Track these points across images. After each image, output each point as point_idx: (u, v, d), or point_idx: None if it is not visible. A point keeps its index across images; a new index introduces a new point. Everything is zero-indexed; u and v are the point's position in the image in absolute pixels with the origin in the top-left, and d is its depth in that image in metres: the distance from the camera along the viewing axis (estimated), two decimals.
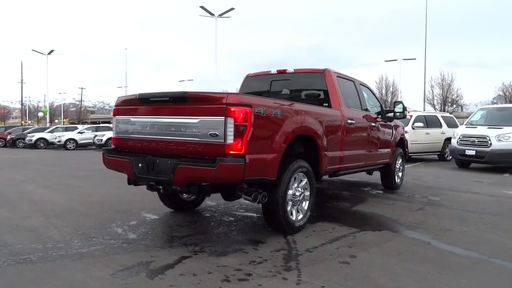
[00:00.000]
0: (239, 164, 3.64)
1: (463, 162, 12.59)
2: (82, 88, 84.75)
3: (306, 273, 3.34)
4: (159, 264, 3.48)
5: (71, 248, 3.90)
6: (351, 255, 3.84)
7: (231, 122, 3.63)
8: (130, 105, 4.48)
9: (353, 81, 6.40)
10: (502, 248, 4.23)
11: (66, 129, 29.25)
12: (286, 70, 6.01)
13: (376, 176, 8.32)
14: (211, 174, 3.63)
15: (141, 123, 4.31)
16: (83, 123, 59.13)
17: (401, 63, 41.24)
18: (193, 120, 3.84)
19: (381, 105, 7.26)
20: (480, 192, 8.02)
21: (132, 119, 4.40)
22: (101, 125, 31.91)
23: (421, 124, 14.38)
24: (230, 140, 3.64)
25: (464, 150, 11.94)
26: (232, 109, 3.62)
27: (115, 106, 4.66)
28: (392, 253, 3.97)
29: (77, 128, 29.28)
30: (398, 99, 24.04)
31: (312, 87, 5.85)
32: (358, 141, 5.99)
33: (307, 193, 4.70)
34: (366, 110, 6.54)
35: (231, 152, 3.65)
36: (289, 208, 4.40)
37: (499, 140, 11.25)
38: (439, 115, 16.28)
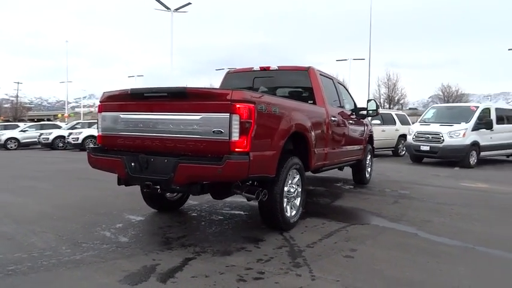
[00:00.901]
0: (244, 161, 3.58)
1: (417, 157, 13.34)
2: (18, 83, 78.85)
3: (316, 268, 3.37)
4: (166, 268, 3.34)
5: (61, 256, 3.62)
6: (351, 249, 3.92)
7: (236, 118, 3.56)
8: (119, 101, 4.25)
9: (331, 79, 6.54)
10: (480, 237, 4.53)
11: (6, 128, 27.12)
12: (269, 67, 6.01)
13: (345, 172, 8.59)
14: (217, 173, 3.53)
15: (133, 120, 4.10)
16: (19, 120, 55.08)
17: (351, 63, 42.86)
18: (195, 117, 3.72)
19: (354, 103, 7.49)
20: (441, 185, 8.56)
21: (122, 115, 4.17)
22: (47, 122, 29.89)
23: (378, 122, 15.03)
24: (235, 137, 3.57)
25: (420, 146, 12.66)
26: (237, 106, 3.55)
27: (100, 102, 4.39)
28: (388, 245, 4.11)
29: (18, 126, 27.25)
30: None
31: (296, 84, 5.90)
32: (338, 138, 6.14)
33: (299, 189, 4.74)
34: (343, 107, 6.72)
35: (236, 150, 3.58)
36: (284, 205, 4.41)
37: (451, 136, 12.06)
38: (393, 113, 17.11)
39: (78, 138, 20.79)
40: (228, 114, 3.57)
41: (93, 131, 21.27)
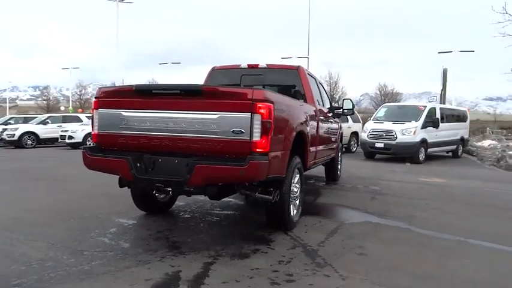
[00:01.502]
0: (265, 162, 3.52)
1: (371, 153, 14.04)
2: None
3: (339, 267, 3.41)
4: (190, 274, 3.18)
5: (67, 266, 3.30)
6: (359, 246, 4.02)
7: (257, 118, 3.48)
8: (120, 97, 3.95)
9: (314, 78, 6.64)
10: (463, 230, 4.87)
11: None
12: (258, 65, 5.95)
13: (316, 170, 8.78)
14: (239, 174, 3.43)
15: (138, 118, 3.84)
16: None
17: (295, 61, 43.78)
18: (211, 116, 3.57)
19: (331, 102, 7.67)
20: (404, 180, 9.08)
21: (124, 113, 3.89)
22: (15, 116, 27.00)
23: None
24: (257, 137, 3.49)
25: (374, 143, 13.33)
26: (259, 105, 3.48)
27: (96, 98, 4.05)
28: (390, 241, 4.28)
29: None
30: None
31: (286, 83, 5.90)
32: (324, 137, 6.26)
33: (299, 189, 4.76)
34: (324, 106, 6.86)
35: (257, 150, 3.51)
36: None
37: (403, 134, 12.84)
38: None
39: (14, 134, 19.04)
40: (250, 113, 3.48)
41: (31, 127, 19.66)
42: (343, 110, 7.47)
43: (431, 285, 3.14)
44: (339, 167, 8.66)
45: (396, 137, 12.88)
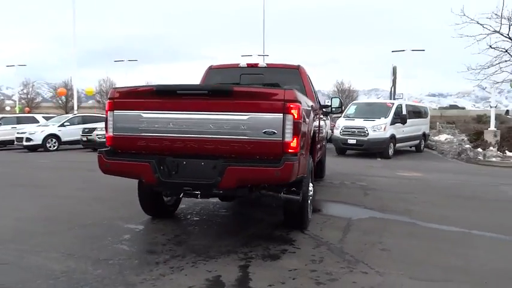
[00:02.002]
0: (297, 162, 3.52)
1: (342, 149, 14.43)
2: None
3: (371, 263, 3.48)
4: (231, 278, 3.12)
5: (98, 277, 3.11)
6: (379, 242, 4.13)
7: (289, 119, 3.47)
8: (139, 98, 3.78)
9: (308, 76, 6.70)
10: (463, 221, 5.14)
11: None
12: (257, 64, 5.92)
13: None
14: (274, 175, 3.41)
15: (160, 119, 3.69)
16: None
17: (256, 60, 43.94)
18: (241, 117, 3.51)
19: (319, 100, 7.78)
20: (384, 175, 9.42)
21: (144, 114, 3.72)
22: None
23: None
24: (288, 138, 3.48)
25: (347, 139, 13.71)
26: (291, 106, 3.47)
27: (111, 99, 3.83)
28: (404, 235, 4.44)
29: None
30: None
31: (287, 82, 5.88)
32: (322, 135, 6.35)
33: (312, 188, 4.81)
34: (319, 104, 6.95)
35: (289, 151, 3.50)
36: None
37: (374, 130, 13.32)
38: None
39: None
40: (282, 114, 3.46)
41: None
42: (331, 108, 7.60)
43: (464, 277, 3.30)
44: (325, 163, 8.83)
45: (368, 134, 13.32)
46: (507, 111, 21.02)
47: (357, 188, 7.43)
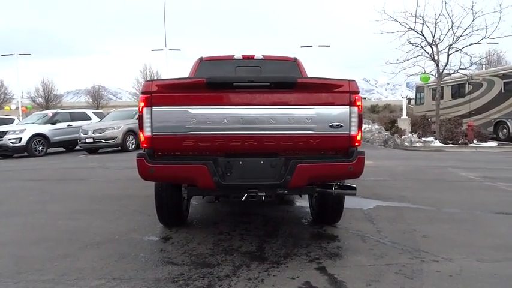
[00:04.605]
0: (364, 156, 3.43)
1: None
2: None
3: (432, 251, 3.55)
4: (320, 282, 2.93)
5: None
6: (413, 230, 4.24)
7: (354, 111, 3.36)
8: (185, 92, 3.31)
9: (304, 68, 6.60)
10: (455, 202, 5.59)
11: None
12: (253, 56, 5.64)
13: None
14: (347, 170, 3.28)
15: (213, 116, 3.27)
16: None
17: (167, 53, 42.34)
18: (307, 110, 3.29)
19: None
20: None
21: (192, 110, 3.27)
22: None
23: None
24: (354, 131, 3.37)
25: None
26: (356, 97, 3.35)
27: (148, 93, 3.28)
28: (426, 221, 4.62)
29: None
30: None
31: (287, 74, 5.71)
32: None
33: None
34: None
35: (355, 144, 3.39)
36: None
37: None
38: None
39: None
40: (348, 107, 3.33)
41: None
42: None
43: None
44: None
45: None
46: (409, 101, 23.38)
47: None
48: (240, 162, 3.34)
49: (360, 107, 3.38)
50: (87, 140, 13.96)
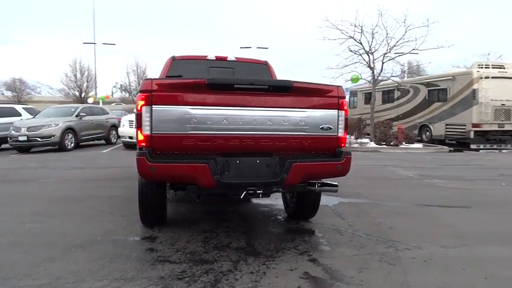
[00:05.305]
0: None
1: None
2: None
3: (402, 240, 3.99)
4: (318, 272, 3.19)
5: None
6: (379, 223, 4.68)
7: (342, 115, 3.67)
8: (186, 92, 3.36)
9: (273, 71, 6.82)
10: (402, 197, 6.21)
11: None
12: (226, 58, 5.76)
13: None
14: (336, 169, 3.57)
15: (213, 116, 3.37)
16: None
17: (100, 47, 40.33)
18: (301, 113, 3.54)
19: None
20: None
21: (192, 110, 3.33)
22: None
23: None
24: (341, 133, 3.68)
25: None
26: (343, 102, 3.67)
27: (148, 92, 3.28)
28: (389, 215, 5.11)
29: None
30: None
31: (258, 77, 5.89)
32: None
33: None
34: None
35: (342, 145, 3.70)
36: None
37: None
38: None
39: None
40: (336, 110, 3.63)
41: None
42: None
43: (473, 239, 4.11)
44: None
45: None
46: None
47: None
48: (238, 162, 3.47)
49: (346, 111, 3.70)
50: (20, 138, 12.90)
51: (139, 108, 3.31)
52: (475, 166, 10.88)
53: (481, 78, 15.48)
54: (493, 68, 15.95)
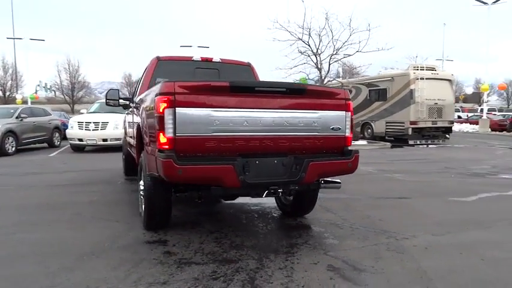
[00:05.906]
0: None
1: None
2: None
3: (397, 231, 4.35)
4: (337, 263, 3.41)
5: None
6: (368, 216, 5.04)
7: (348, 116, 3.93)
8: (209, 94, 3.38)
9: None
10: (379, 191, 6.69)
11: None
12: (212, 59, 5.77)
13: None
14: (347, 167, 3.81)
15: (235, 118, 3.44)
16: None
17: (29, 43, 37.34)
18: (314, 114, 3.73)
19: None
20: None
21: (215, 113, 3.37)
22: None
23: None
24: (348, 133, 3.94)
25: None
26: (349, 103, 3.92)
27: (171, 94, 3.26)
28: (372, 208, 5.49)
29: None
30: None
31: (242, 78, 5.94)
32: None
33: None
34: None
35: (349, 144, 3.95)
36: None
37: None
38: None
39: None
40: (344, 112, 3.88)
41: None
42: None
43: (457, 226, 4.58)
44: None
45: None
46: None
47: None
48: (257, 162, 3.58)
49: (352, 112, 3.96)
50: None
51: (161, 110, 3.28)
52: (420, 160, 11.88)
53: (417, 79, 16.88)
54: (426, 69, 17.49)
